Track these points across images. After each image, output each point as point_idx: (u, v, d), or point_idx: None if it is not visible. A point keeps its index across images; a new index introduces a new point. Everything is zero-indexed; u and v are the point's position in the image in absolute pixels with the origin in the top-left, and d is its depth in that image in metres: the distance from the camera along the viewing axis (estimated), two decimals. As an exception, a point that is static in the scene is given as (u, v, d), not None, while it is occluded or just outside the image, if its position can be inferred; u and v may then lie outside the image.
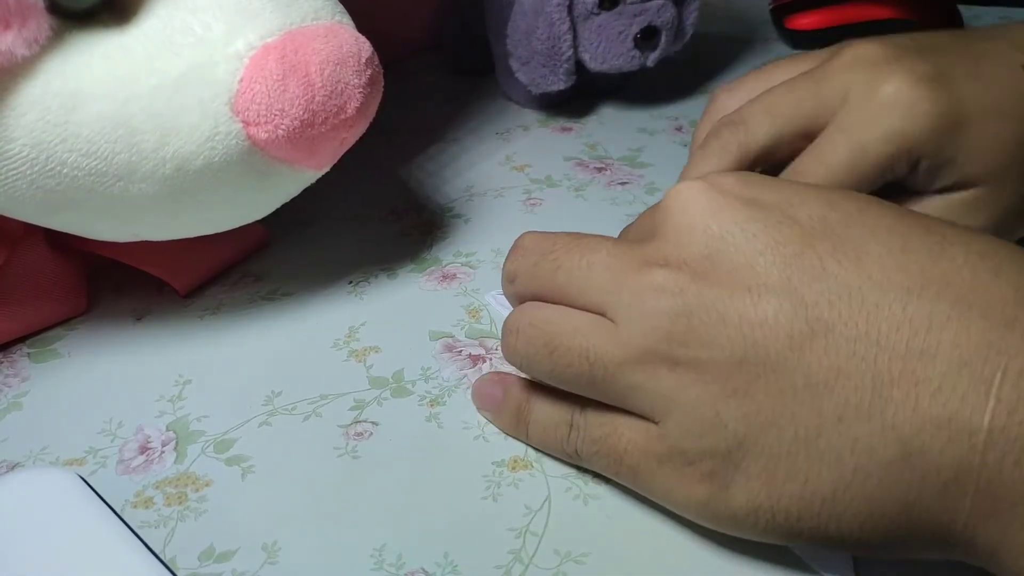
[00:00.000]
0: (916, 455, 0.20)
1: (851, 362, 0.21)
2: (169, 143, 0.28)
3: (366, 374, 0.32)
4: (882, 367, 0.20)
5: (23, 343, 0.34)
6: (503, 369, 0.32)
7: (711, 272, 0.23)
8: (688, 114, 0.50)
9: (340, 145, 0.31)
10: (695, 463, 0.23)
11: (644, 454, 0.24)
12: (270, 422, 0.30)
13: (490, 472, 0.28)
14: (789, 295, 0.22)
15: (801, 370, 0.21)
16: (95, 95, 0.27)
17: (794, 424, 0.21)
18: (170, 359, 0.33)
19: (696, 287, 0.22)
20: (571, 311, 0.25)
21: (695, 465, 0.23)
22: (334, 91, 0.29)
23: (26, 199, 0.28)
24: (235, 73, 0.28)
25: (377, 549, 0.25)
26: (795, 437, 0.21)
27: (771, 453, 0.21)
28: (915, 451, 0.20)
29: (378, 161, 0.46)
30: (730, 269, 0.22)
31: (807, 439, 0.21)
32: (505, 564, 0.25)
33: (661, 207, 0.25)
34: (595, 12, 0.46)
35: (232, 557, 0.25)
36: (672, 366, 0.23)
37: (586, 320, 0.24)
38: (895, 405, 0.20)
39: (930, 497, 0.20)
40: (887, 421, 0.20)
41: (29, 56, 0.26)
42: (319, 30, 0.29)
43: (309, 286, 0.37)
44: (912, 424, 0.20)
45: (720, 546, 0.25)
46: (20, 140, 0.27)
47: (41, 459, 0.29)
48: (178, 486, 0.28)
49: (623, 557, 0.25)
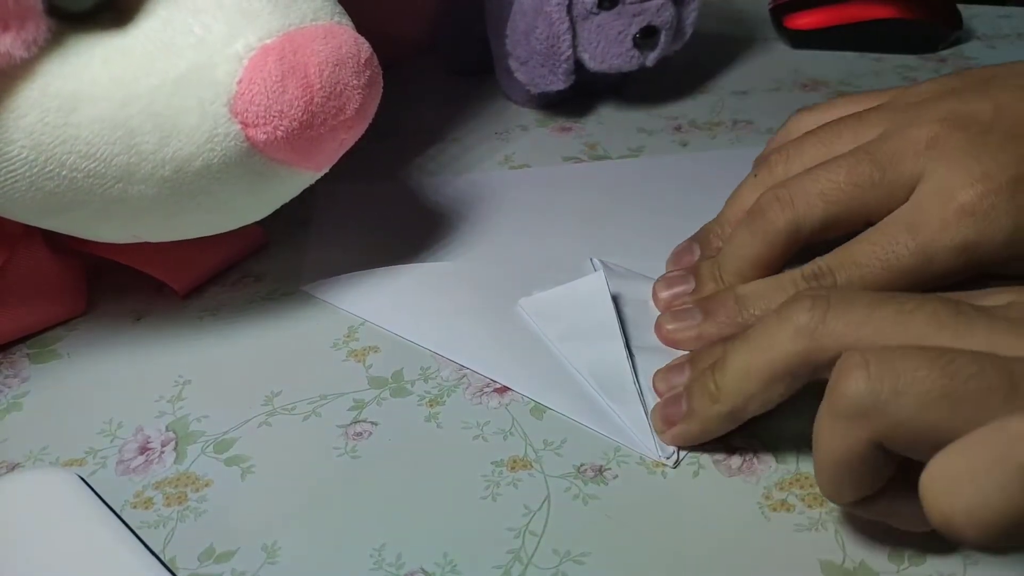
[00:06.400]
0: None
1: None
2: (168, 145, 0.28)
3: (365, 374, 0.32)
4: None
5: (23, 343, 0.34)
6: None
7: None
8: (687, 114, 0.50)
9: (339, 146, 0.31)
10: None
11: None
12: (270, 422, 0.30)
13: (489, 472, 0.28)
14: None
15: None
16: (94, 97, 0.27)
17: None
18: (169, 359, 0.33)
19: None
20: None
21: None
22: (333, 92, 0.29)
23: (25, 201, 0.28)
24: (234, 74, 0.28)
25: (376, 549, 0.25)
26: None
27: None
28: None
29: (378, 161, 0.46)
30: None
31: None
32: (504, 564, 0.25)
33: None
34: (594, 12, 0.46)
35: (232, 557, 0.25)
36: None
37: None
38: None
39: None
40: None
41: (28, 58, 0.26)
42: (318, 31, 0.29)
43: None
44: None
45: (720, 546, 0.25)
46: (19, 142, 0.27)
47: (41, 459, 0.29)
48: (178, 486, 0.28)
49: (623, 557, 0.25)
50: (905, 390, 0.20)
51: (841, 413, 0.21)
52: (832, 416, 0.21)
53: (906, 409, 0.20)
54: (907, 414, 0.20)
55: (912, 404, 0.20)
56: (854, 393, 0.21)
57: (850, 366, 0.21)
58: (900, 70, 0.54)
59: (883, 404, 0.20)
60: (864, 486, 0.22)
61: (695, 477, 0.27)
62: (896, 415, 0.20)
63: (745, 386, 0.25)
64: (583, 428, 0.29)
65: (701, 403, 0.27)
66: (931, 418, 0.20)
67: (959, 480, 0.18)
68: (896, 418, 0.20)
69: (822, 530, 0.25)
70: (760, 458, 0.28)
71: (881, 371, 0.20)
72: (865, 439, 0.21)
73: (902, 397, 0.20)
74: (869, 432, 0.21)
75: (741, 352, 0.25)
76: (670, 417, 0.28)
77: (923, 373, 0.20)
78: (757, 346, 0.25)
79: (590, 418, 0.29)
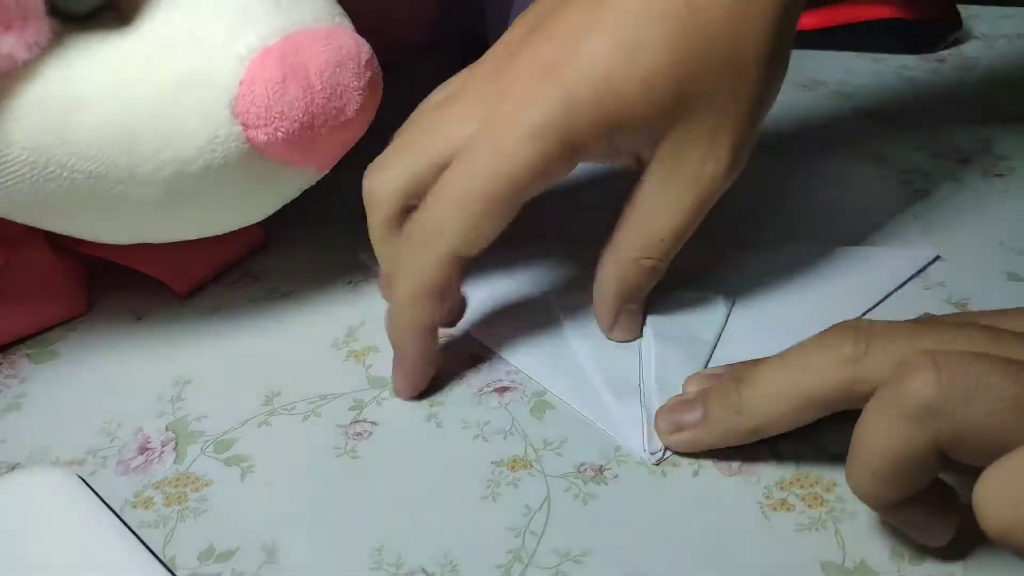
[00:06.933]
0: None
1: None
2: (169, 146, 0.28)
3: (365, 374, 0.32)
4: None
5: (23, 343, 0.34)
6: (502, 369, 0.32)
7: None
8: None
9: (340, 147, 0.31)
10: None
11: None
12: (269, 422, 0.30)
13: (489, 472, 0.28)
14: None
15: None
16: (95, 98, 0.27)
17: None
18: (169, 359, 0.33)
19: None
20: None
21: None
22: (334, 94, 0.29)
23: (26, 202, 0.28)
24: (235, 76, 0.28)
25: (376, 549, 0.25)
26: None
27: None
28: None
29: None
30: None
31: None
32: (505, 564, 0.25)
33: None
34: (594, 12, 0.46)
35: (232, 557, 0.25)
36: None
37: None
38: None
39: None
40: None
41: (29, 59, 0.26)
42: (319, 33, 0.29)
43: (308, 286, 0.37)
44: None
45: (720, 546, 0.25)
46: (20, 143, 0.27)
47: (41, 459, 0.29)
48: (178, 486, 0.28)
49: (622, 557, 0.25)
50: (977, 396, 0.20)
51: (907, 412, 0.21)
52: (894, 414, 0.21)
53: (975, 415, 0.20)
54: (976, 420, 0.20)
55: (982, 410, 0.20)
56: (924, 393, 0.20)
57: (920, 366, 0.20)
58: (900, 70, 0.54)
59: (953, 407, 0.20)
60: (909, 488, 0.22)
61: (695, 477, 0.27)
62: (965, 420, 0.20)
63: (774, 407, 0.25)
64: (583, 428, 0.29)
65: (721, 414, 0.26)
66: (999, 425, 0.20)
67: (1020, 491, 0.18)
68: (965, 423, 0.20)
69: (822, 530, 0.25)
70: (760, 458, 0.28)
71: (953, 374, 0.20)
72: (928, 440, 0.20)
73: (973, 402, 0.20)
74: (934, 433, 0.20)
75: (777, 372, 0.25)
76: (681, 423, 0.27)
77: (995, 379, 0.20)
78: (795, 369, 0.25)
79: (583, 404, 0.30)
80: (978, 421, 0.20)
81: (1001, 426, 0.20)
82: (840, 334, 0.24)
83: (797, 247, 0.37)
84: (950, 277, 0.35)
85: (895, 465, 0.21)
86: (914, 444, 0.21)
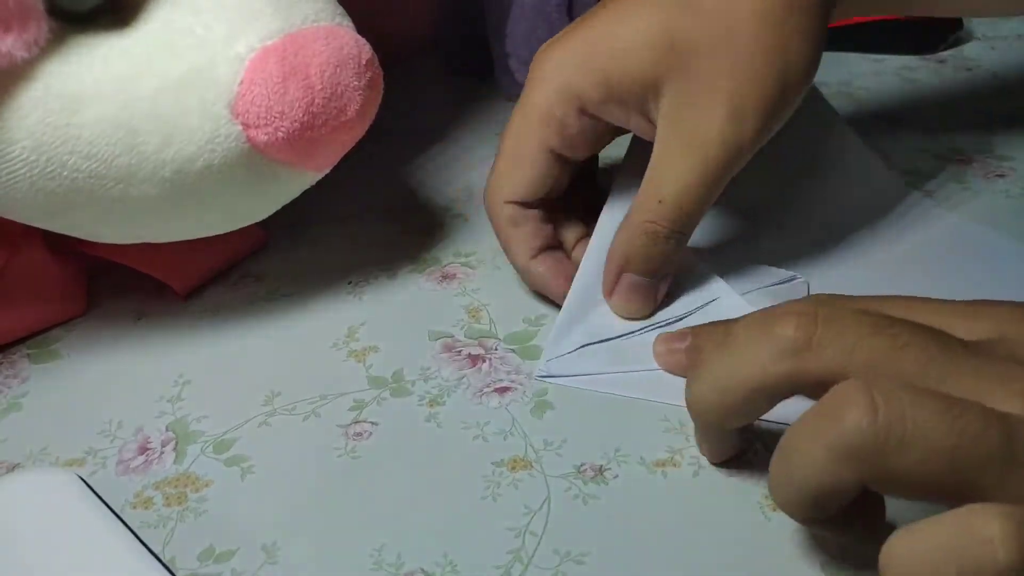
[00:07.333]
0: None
1: None
2: (169, 145, 0.28)
3: (365, 374, 0.32)
4: None
5: (23, 344, 0.34)
6: (502, 369, 0.32)
7: None
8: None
9: (340, 147, 0.31)
10: None
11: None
12: (269, 422, 0.30)
13: (489, 472, 0.28)
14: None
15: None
16: (95, 97, 0.27)
17: None
18: (169, 359, 0.33)
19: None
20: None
21: None
22: (334, 94, 0.29)
23: (26, 201, 0.28)
24: (235, 75, 0.28)
25: (376, 549, 0.25)
26: None
27: None
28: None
29: (378, 161, 0.46)
30: None
31: None
32: (505, 564, 0.25)
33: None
34: (594, 12, 0.46)
35: (232, 557, 0.25)
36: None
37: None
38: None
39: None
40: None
41: (29, 59, 0.26)
42: (319, 32, 0.29)
43: (308, 286, 0.37)
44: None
45: (720, 547, 0.25)
46: (20, 142, 0.27)
47: (41, 460, 0.29)
48: (178, 486, 0.28)
49: (623, 557, 0.25)
50: (911, 444, 0.19)
51: (837, 447, 0.20)
52: (824, 448, 0.20)
53: (907, 462, 0.19)
54: (906, 467, 0.19)
55: (914, 459, 0.19)
56: (857, 433, 0.19)
57: (857, 402, 0.19)
58: (900, 71, 0.54)
59: (886, 454, 0.19)
60: (828, 511, 0.21)
61: (695, 477, 0.27)
62: (895, 466, 0.19)
63: (722, 400, 0.24)
64: (583, 428, 0.29)
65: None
66: (927, 475, 0.19)
67: (918, 567, 0.18)
68: (895, 469, 0.19)
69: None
70: (760, 458, 0.28)
71: (890, 417, 0.19)
72: (854, 479, 0.20)
73: (906, 450, 0.19)
74: (862, 474, 0.20)
75: (722, 361, 0.24)
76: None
77: (932, 427, 0.19)
78: (737, 359, 0.23)
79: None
80: (908, 469, 0.19)
81: (929, 476, 0.19)
82: (783, 320, 0.22)
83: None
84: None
85: (816, 492, 0.21)
86: (840, 480, 0.20)
